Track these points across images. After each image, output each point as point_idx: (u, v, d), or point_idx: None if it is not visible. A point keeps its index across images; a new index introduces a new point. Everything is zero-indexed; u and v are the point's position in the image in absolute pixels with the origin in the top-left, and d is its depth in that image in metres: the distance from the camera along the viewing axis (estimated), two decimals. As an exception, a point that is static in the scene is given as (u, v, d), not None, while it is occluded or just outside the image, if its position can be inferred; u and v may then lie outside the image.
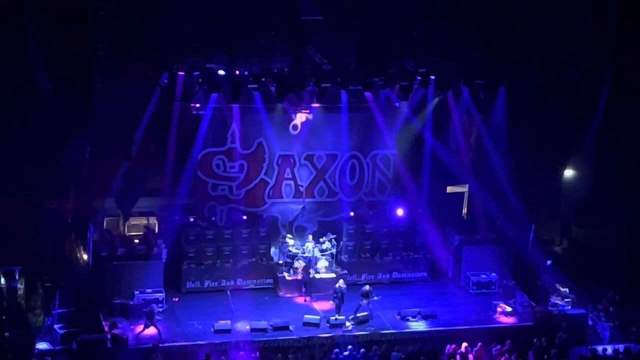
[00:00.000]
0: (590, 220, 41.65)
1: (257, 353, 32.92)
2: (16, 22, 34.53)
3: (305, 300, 37.29)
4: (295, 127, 39.27)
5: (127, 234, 38.64)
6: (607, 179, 41.09)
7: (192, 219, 38.82)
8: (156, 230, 38.66)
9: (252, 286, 38.22)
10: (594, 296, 37.56)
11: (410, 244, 40.09)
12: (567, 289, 37.68)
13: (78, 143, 36.22)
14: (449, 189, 41.78)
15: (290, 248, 38.59)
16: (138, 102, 36.58)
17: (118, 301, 35.41)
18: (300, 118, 39.10)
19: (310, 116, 39.06)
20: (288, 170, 39.75)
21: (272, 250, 39.34)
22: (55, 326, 33.81)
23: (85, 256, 37.31)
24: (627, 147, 39.93)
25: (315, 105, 38.83)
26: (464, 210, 42.12)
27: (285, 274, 38.08)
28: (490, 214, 39.77)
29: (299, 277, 37.68)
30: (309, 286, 37.45)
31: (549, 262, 38.82)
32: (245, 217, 39.20)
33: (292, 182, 39.92)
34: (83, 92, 35.32)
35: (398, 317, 36.09)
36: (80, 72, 35.23)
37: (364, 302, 35.59)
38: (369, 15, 37.78)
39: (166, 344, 33.35)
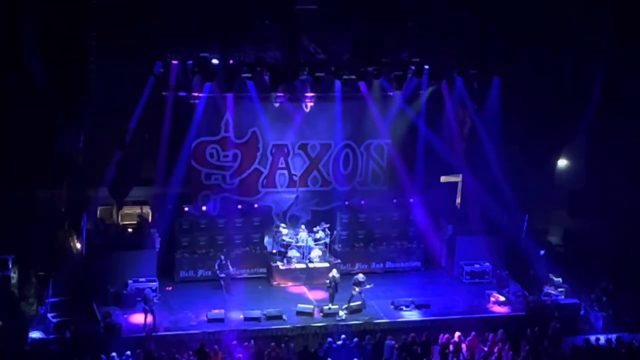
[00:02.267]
0: (584, 210, 41.74)
1: (251, 342, 32.92)
2: (10, 11, 34.45)
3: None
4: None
5: (121, 223, 38.70)
6: (600, 169, 41.16)
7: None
8: (150, 219, 38.64)
9: (245, 275, 38.20)
10: (587, 286, 37.58)
11: (403, 233, 40.12)
12: (560, 279, 37.71)
13: (71, 132, 36.20)
14: (443, 179, 41.80)
15: (284, 237, 38.56)
16: (131, 91, 36.51)
17: (111, 290, 35.38)
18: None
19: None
20: (282, 159, 39.72)
21: (266, 239, 39.34)
22: (49, 315, 33.85)
23: (78, 245, 37.26)
24: (621, 137, 39.96)
25: (309, 94, 38.78)
26: (458, 200, 42.14)
27: (279, 263, 38.09)
28: (484, 204, 39.77)
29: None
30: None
31: (542, 251, 38.86)
32: (240, 206, 39.16)
33: (286, 172, 39.90)
34: (76, 80, 35.31)
35: (392, 307, 36.09)
36: (74, 61, 35.21)
37: (356, 291, 35.61)
38: (363, 5, 37.75)
39: (160, 333, 33.39)
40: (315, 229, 38.84)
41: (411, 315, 35.81)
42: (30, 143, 35.74)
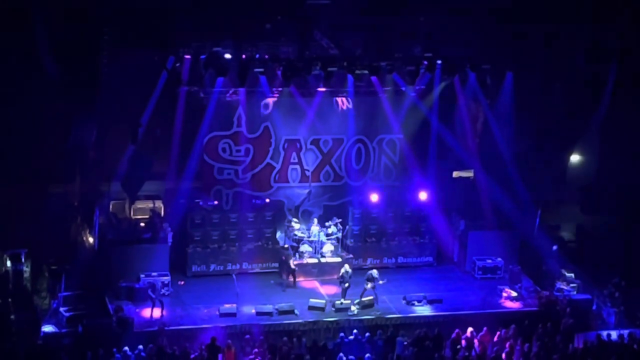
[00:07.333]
0: (596, 206, 41.66)
1: (263, 336, 32.96)
2: (23, 5, 34.53)
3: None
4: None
5: (133, 217, 38.65)
6: (613, 165, 41.07)
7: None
8: (162, 213, 38.68)
9: (257, 270, 38.24)
10: (599, 281, 37.52)
11: (416, 228, 40.06)
12: (572, 274, 37.67)
13: (84, 126, 36.27)
14: (455, 174, 41.75)
15: (296, 232, 38.59)
16: (144, 86, 36.57)
17: (124, 284, 35.45)
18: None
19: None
20: (294, 154, 39.71)
21: (278, 234, 39.36)
22: (61, 309, 33.88)
23: (91, 239, 37.34)
24: (634, 134, 39.89)
25: (322, 89, 38.77)
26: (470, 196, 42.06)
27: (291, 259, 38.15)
28: (496, 199, 39.72)
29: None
30: None
31: (554, 247, 38.82)
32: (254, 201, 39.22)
33: (298, 167, 39.89)
34: (89, 75, 35.41)
35: (403, 302, 36.11)
36: (87, 56, 35.30)
37: (369, 286, 35.63)
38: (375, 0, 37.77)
39: (172, 327, 33.43)
40: (327, 224, 38.84)
41: (423, 310, 35.80)
42: (43, 137, 35.81)
